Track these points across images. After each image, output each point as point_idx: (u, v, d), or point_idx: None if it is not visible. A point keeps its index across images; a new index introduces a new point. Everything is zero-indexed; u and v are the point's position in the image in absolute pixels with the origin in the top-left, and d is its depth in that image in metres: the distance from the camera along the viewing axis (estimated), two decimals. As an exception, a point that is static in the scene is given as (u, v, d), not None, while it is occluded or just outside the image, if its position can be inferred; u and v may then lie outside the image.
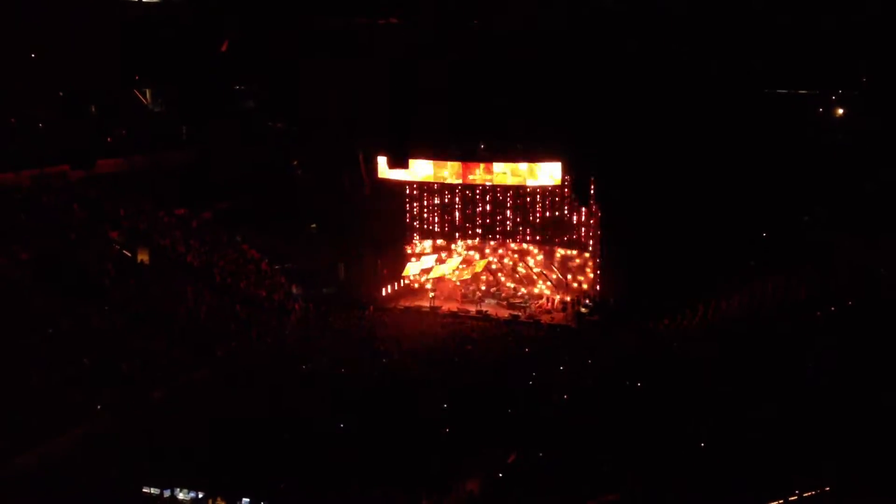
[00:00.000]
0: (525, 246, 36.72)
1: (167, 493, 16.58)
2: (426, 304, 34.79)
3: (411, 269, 36.86)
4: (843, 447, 15.54)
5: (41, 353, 22.01)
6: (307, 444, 18.52)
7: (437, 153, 34.31)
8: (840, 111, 32.98)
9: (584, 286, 35.00)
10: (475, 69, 30.62)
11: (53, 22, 31.24)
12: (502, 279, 36.96)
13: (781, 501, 14.27)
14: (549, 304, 34.78)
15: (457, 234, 37.66)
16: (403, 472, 16.83)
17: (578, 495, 16.01)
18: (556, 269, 35.76)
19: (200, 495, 16.45)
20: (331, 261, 36.19)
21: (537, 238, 36.30)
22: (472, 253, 37.49)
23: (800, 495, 14.23)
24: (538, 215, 36.14)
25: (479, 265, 36.85)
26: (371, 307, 33.44)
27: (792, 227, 30.22)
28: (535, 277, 36.39)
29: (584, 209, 34.41)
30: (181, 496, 16.52)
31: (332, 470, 17.12)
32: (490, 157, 34.06)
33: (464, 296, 35.76)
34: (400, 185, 36.38)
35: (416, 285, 37.00)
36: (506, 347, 28.29)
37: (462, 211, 37.47)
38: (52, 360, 21.91)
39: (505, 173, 34.05)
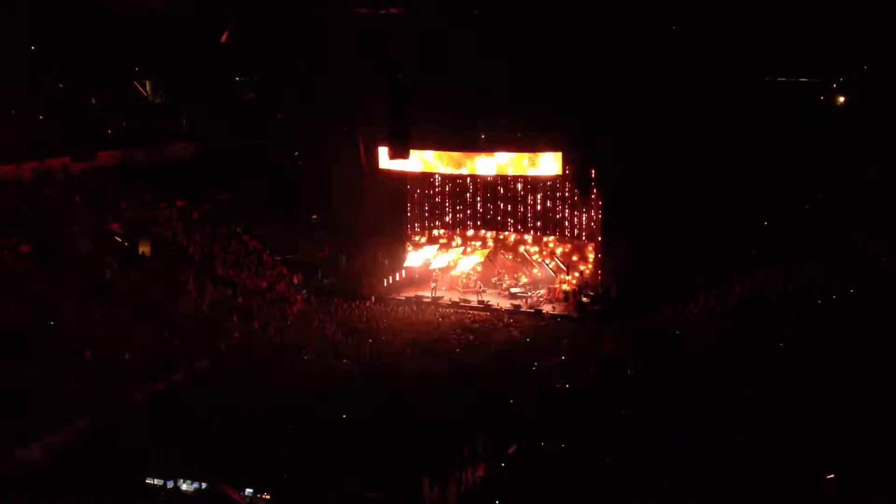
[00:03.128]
0: (526, 236, 36.73)
1: (170, 485, 16.61)
2: (427, 294, 34.81)
3: (412, 259, 36.87)
4: (845, 436, 15.56)
5: (42, 344, 22.06)
6: (310, 434, 18.57)
7: (438, 144, 34.27)
8: (841, 99, 32.91)
9: (586, 276, 35.02)
10: (476, 59, 30.55)
11: (54, 13, 31.18)
12: (503, 269, 36.97)
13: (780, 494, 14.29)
14: (551, 293, 34.79)
15: (458, 225, 37.68)
16: (405, 462, 16.86)
17: (581, 486, 16.03)
18: (557, 259, 35.78)
19: (204, 486, 16.48)
20: (332, 252, 36.23)
21: (538, 228, 36.31)
22: (473, 243, 37.50)
23: (800, 485, 14.25)
24: (539, 205, 36.15)
25: (481, 255, 36.86)
26: (372, 298, 33.47)
27: (793, 216, 30.19)
28: (536, 267, 36.40)
29: (585, 199, 34.42)
30: (185, 487, 16.56)
31: (335, 459, 17.16)
32: (491, 147, 34.02)
33: (465, 286, 35.77)
34: (401, 176, 36.35)
35: (417, 276, 36.98)
36: (507, 337, 28.33)
37: (463, 201, 37.48)
38: (53, 351, 21.95)
39: (506, 164, 34.02)
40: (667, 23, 29.96)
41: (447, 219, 37.81)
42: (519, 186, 36.31)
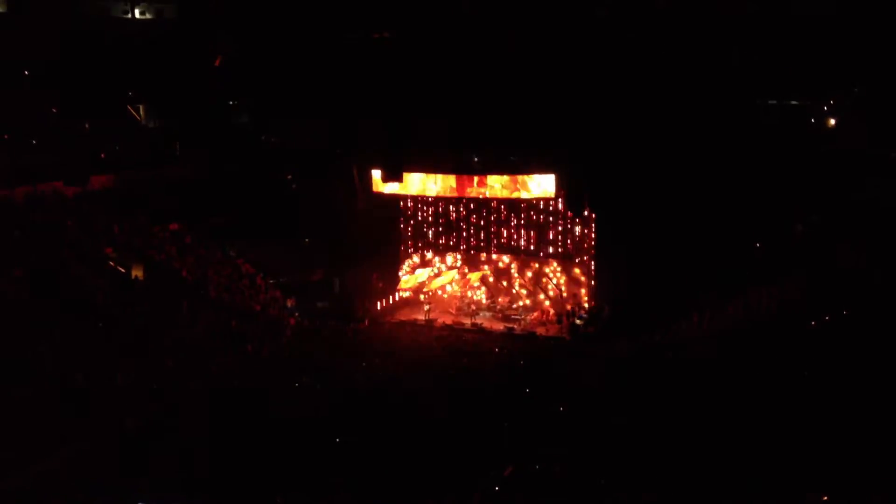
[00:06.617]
0: (519, 258, 36.75)
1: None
2: (421, 317, 34.75)
3: (406, 282, 36.86)
4: (841, 455, 15.54)
5: (35, 368, 21.93)
6: (304, 457, 18.48)
7: (432, 167, 34.38)
8: (832, 120, 33.18)
9: (579, 298, 35.02)
10: (468, 82, 30.76)
11: (47, 38, 31.33)
12: (497, 292, 36.96)
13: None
14: (544, 316, 34.76)
15: (451, 247, 37.69)
16: (399, 486, 16.77)
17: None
18: (550, 282, 35.79)
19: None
20: (325, 275, 36.17)
21: (531, 250, 36.34)
22: (466, 268, 37.52)
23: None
24: (532, 228, 36.21)
25: (474, 278, 36.85)
26: (366, 321, 33.39)
27: (786, 236, 30.29)
28: (529, 290, 36.40)
29: (578, 220, 34.49)
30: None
31: (328, 484, 17.08)
32: (484, 169, 34.11)
33: (459, 309, 35.72)
34: (394, 199, 36.40)
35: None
36: (501, 360, 28.26)
37: (456, 224, 37.52)
38: (45, 376, 21.82)
39: (498, 186, 34.10)
40: (660, 44, 30.24)
41: (440, 241, 37.82)
42: (512, 209, 36.38)
